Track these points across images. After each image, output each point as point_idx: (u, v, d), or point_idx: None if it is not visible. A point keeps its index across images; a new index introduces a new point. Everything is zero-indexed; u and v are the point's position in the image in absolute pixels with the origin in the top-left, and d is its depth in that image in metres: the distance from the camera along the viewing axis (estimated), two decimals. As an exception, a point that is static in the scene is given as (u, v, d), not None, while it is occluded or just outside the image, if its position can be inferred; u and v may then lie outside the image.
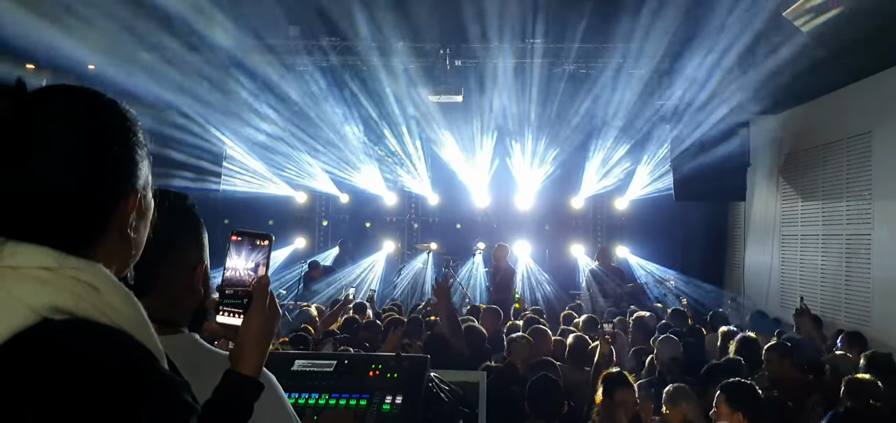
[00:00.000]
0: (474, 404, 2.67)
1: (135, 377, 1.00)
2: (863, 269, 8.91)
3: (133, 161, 1.17)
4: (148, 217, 1.24)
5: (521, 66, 9.91)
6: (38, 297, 1.00)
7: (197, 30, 7.98)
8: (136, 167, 1.18)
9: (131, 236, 1.17)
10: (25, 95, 1.08)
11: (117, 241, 1.15)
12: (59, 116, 1.09)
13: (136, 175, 1.17)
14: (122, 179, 1.15)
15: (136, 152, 1.18)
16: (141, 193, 1.19)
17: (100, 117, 1.14)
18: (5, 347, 0.96)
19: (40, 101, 1.10)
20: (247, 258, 1.42)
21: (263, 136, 12.18)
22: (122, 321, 1.04)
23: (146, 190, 1.22)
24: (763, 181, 11.58)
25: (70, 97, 1.14)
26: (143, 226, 1.22)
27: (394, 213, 15.01)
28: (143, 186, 1.20)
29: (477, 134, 12.86)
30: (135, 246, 1.20)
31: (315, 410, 2.23)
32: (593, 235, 14.75)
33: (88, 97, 1.16)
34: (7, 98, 1.05)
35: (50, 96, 1.12)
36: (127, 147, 1.16)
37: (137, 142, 1.19)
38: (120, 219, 1.15)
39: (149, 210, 1.24)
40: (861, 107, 8.95)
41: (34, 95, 1.10)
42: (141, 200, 1.19)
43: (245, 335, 1.35)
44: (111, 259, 1.12)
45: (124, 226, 1.16)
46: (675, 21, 8.06)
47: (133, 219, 1.17)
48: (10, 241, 1.04)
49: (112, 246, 1.14)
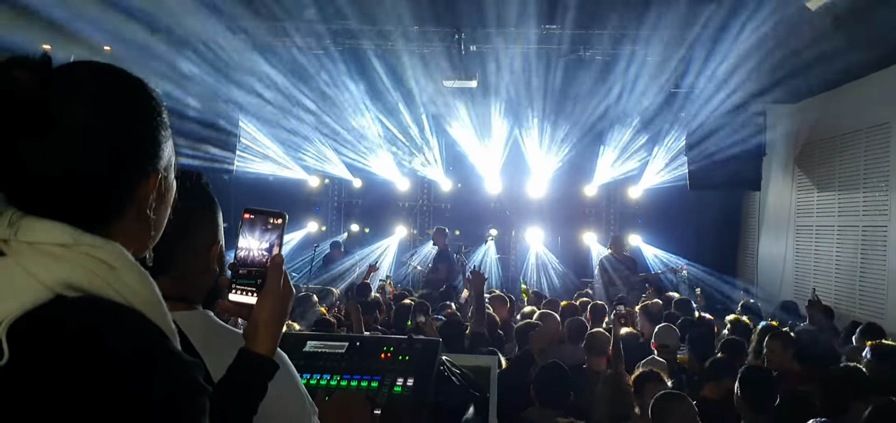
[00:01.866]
0: (486, 388, 2.67)
1: (145, 356, 1.00)
2: (879, 261, 8.83)
3: (156, 142, 1.16)
4: (169, 199, 1.23)
5: (535, 53, 9.84)
6: (52, 273, 1.00)
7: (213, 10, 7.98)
8: (159, 148, 1.17)
9: (151, 217, 1.17)
10: (51, 69, 1.08)
11: (136, 221, 1.15)
12: (82, 91, 1.09)
13: (158, 156, 1.17)
14: (144, 160, 1.14)
15: (159, 133, 1.17)
16: (162, 174, 1.18)
17: (124, 96, 1.14)
18: (17, 323, 0.96)
19: (65, 75, 1.09)
20: (260, 237, 1.41)
21: (278, 118, 12.19)
22: (136, 300, 1.03)
23: (168, 171, 1.21)
24: (779, 171, 11.49)
25: (95, 73, 1.13)
26: (164, 208, 1.22)
27: (406, 198, 15.03)
28: (164, 167, 1.19)
29: (490, 120, 12.81)
30: (154, 227, 1.19)
31: (327, 391, 2.24)
32: (606, 223, 14.71)
33: (114, 75, 1.15)
34: (31, 70, 1.04)
35: (75, 71, 1.11)
36: (150, 127, 1.16)
37: (161, 123, 1.18)
38: (139, 199, 1.14)
39: (170, 192, 1.23)
40: (880, 97, 8.85)
41: (60, 69, 1.09)
42: (162, 181, 1.18)
43: (259, 314, 1.35)
44: (129, 239, 1.11)
45: (143, 207, 1.15)
46: (692, 8, 7.97)
47: (153, 200, 1.17)
48: (26, 216, 1.04)
49: (130, 226, 1.14)
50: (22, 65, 1.04)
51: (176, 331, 1.09)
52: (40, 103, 1.03)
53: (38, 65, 1.06)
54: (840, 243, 9.78)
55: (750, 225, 12.79)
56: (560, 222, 14.33)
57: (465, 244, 13.20)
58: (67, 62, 1.12)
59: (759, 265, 12.11)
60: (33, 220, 1.04)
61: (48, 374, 0.94)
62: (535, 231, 14.14)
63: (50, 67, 1.07)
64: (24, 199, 1.05)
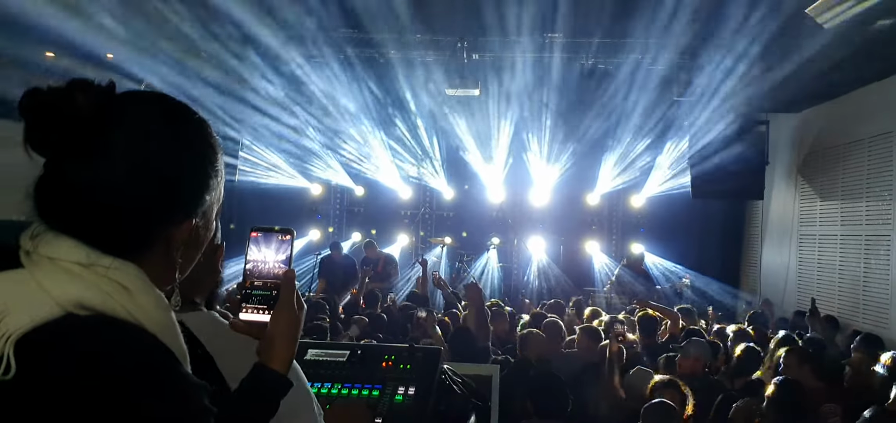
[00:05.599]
0: (488, 396, 2.66)
1: (152, 377, 0.99)
2: (882, 270, 8.80)
3: (200, 187, 1.16)
4: (202, 244, 1.22)
5: (538, 61, 9.84)
6: (66, 291, 1.00)
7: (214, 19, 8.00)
8: (202, 194, 1.16)
9: (177, 261, 1.16)
10: (112, 95, 1.09)
11: (162, 258, 1.14)
12: (137, 124, 1.09)
13: (200, 202, 1.16)
14: (182, 204, 1.14)
15: (206, 180, 1.17)
16: (198, 221, 1.17)
17: (178, 136, 1.14)
18: (24, 338, 0.96)
19: (126, 104, 1.10)
20: (269, 253, 1.39)
21: (279, 127, 12.21)
22: (150, 323, 1.03)
23: (207, 216, 1.20)
24: (781, 180, 11.48)
25: (152, 108, 1.13)
26: (194, 252, 1.21)
27: (408, 206, 15.03)
28: (203, 212, 1.18)
29: (493, 129, 12.82)
30: (180, 270, 1.18)
31: (328, 399, 2.22)
32: (609, 232, 14.69)
33: (175, 112, 1.15)
34: (88, 94, 1.05)
35: (133, 103, 1.12)
36: (197, 173, 1.15)
37: (211, 169, 1.18)
38: (170, 240, 1.14)
39: (204, 237, 1.22)
40: (883, 106, 8.84)
41: (122, 97, 1.11)
42: (197, 227, 1.17)
43: (275, 329, 1.32)
44: (151, 272, 1.10)
45: (171, 249, 1.14)
46: (695, 17, 7.97)
47: (182, 244, 1.16)
48: (50, 231, 1.05)
49: (156, 261, 1.12)
50: (85, 89, 1.05)
51: (187, 353, 1.08)
52: (92, 127, 1.04)
53: (99, 90, 1.07)
54: (843, 252, 9.76)
55: (753, 234, 12.77)
56: (562, 231, 14.32)
57: (466, 253, 13.21)
58: (134, 90, 1.14)
59: (762, 275, 12.08)
60: (55, 236, 1.04)
61: (53, 390, 0.94)
62: (537, 240, 14.12)
63: (112, 94, 1.09)
64: (55, 215, 1.06)
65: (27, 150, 1.03)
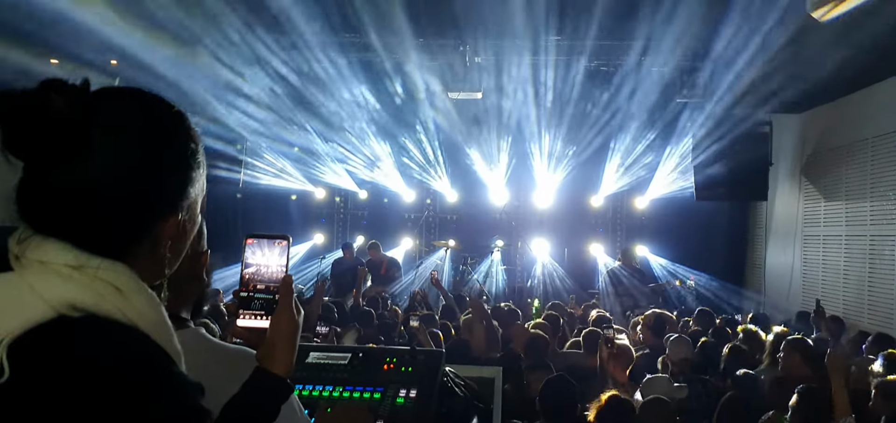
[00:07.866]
0: (490, 399, 2.65)
1: (147, 378, 0.99)
2: (887, 270, 8.78)
3: (183, 182, 1.15)
4: (188, 238, 1.22)
5: (541, 63, 9.84)
6: (58, 293, 1.00)
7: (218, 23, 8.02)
8: (185, 189, 1.16)
9: (165, 256, 1.16)
10: (88, 94, 1.07)
11: (149, 256, 1.13)
12: (117, 121, 1.08)
13: (184, 197, 1.16)
14: (167, 200, 1.13)
15: (189, 173, 1.16)
16: (184, 215, 1.17)
17: (159, 131, 1.13)
18: (17, 342, 0.95)
19: (103, 102, 1.08)
20: (265, 259, 1.40)
21: (282, 131, 12.22)
22: (143, 323, 1.03)
23: (192, 210, 1.20)
24: (785, 181, 11.45)
25: (130, 104, 1.12)
26: (181, 247, 1.21)
27: (412, 209, 15.02)
28: (188, 206, 1.17)
29: (496, 131, 12.81)
30: (168, 265, 1.18)
31: (329, 402, 2.22)
32: (613, 234, 14.67)
33: (152, 107, 1.14)
34: (65, 95, 1.03)
35: (114, 99, 1.10)
36: (180, 167, 1.15)
37: (194, 161, 1.17)
38: (156, 237, 1.13)
39: (190, 231, 1.22)
40: (886, 106, 8.82)
41: (98, 94, 1.09)
42: (182, 222, 1.17)
43: (276, 334, 1.33)
44: (139, 270, 1.10)
45: (158, 245, 1.14)
46: (698, 18, 7.96)
47: (170, 240, 1.15)
48: (37, 235, 1.04)
49: (144, 259, 1.12)
50: (59, 89, 1.03)
51: (181, 353, 1.08)
52: (71, 127, 1.02)
53: (75, 89, 1.05)
54: (848, 252, 9.73)
55: (757, 235, 12.74)
56: (566, 233, 14.29)
57: (469, 256, 13.19)
58: (109, 87, 1.12)
59: (766, 275, 12.05)
60: (43, 239, 1.04)
61: (48, 392, 0.94)
62: (541, 242, 14.10)
63: (87, 92, 1.07)
64: (39, 218, 1.05)
65: (5, 154, 1.02)
